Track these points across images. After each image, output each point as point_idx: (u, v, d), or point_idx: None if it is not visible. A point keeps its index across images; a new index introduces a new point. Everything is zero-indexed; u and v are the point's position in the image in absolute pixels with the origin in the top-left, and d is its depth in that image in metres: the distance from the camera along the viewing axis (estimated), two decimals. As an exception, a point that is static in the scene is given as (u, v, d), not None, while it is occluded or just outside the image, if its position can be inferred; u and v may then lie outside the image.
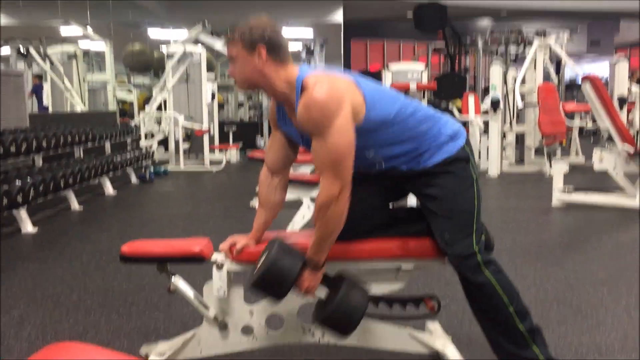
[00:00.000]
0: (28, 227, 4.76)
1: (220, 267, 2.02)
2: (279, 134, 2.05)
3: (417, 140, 1.91)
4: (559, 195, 5.62)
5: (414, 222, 2.05)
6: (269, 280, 1.86)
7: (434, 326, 2.40)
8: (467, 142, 1.99)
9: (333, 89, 1.75)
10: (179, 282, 2.07)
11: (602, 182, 6.42)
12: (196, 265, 2.09)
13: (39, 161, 5.75)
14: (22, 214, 4.75)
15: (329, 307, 1.87)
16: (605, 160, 5.42)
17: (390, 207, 2.17)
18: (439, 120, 1.97)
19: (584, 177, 7.29)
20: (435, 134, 1.93)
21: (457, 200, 1.93)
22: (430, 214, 1.97)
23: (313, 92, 1.74)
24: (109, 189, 6.75)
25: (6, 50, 10.34)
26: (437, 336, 2.32)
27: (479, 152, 8.39)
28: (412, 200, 2.45)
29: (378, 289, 2.09)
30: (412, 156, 1.92)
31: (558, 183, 5.64)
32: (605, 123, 5.35)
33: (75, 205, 5.75)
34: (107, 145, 7.65)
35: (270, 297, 1.92)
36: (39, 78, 10.45)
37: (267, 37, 1.82)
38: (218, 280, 2.02)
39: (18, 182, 4.64)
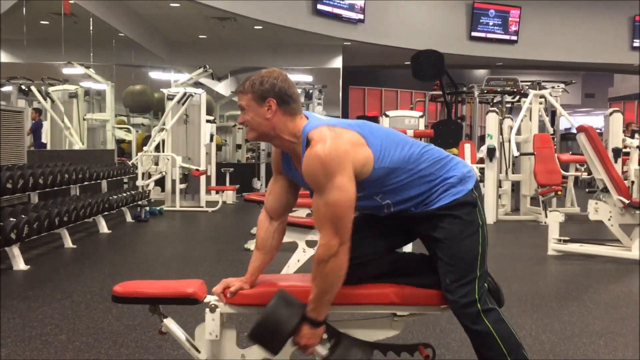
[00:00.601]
0: (20, 264, 4.71)
1: (213, 309, 1.99)
2: (280, 178, 2.06)
3: (427, 184, 1.91)
4: (555, 244, 5.61)
5: (424, 273, 2.02)
6: (264, 332, 1.83)
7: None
8: (477, 187, 1.98)
9: (335, 147, 1.76)
10: (171, 324, 2.04)
11: (598, 232, 6.42)
12: (188, 308, 2.06)
13: (34, 198, 5.74)
14: (15, 251, 4.71)
15: None
16: (600, 211, 5.43)
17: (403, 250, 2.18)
18: (449, 162, 1.97)
19: (580, 226, 7.29)
20: (444, 175, 1.93)
21: (460, 245, 1.91)
22: (435, 257, 1.96)
23: (315, 149, 1.76)
24: (104, 228, 6.72)
25: (8, 87, 10.43)
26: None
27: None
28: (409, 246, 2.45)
29: (373, 335, 2.06)
30: (422, 198, 1.92)
31: (554, 232, 5.64)
32: (600, 174, 5.39)
33: (68, 243, 5.71)
34: (104, 184, 7.65)
35: (265, 349, 1.89)
36: (38, 112, 10.52)
37: (277, 89, 1.85)
38: (210, 322, 1.99)
39: (12, 219, 4.62)
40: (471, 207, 1.94)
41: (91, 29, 10.68)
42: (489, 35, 14.49)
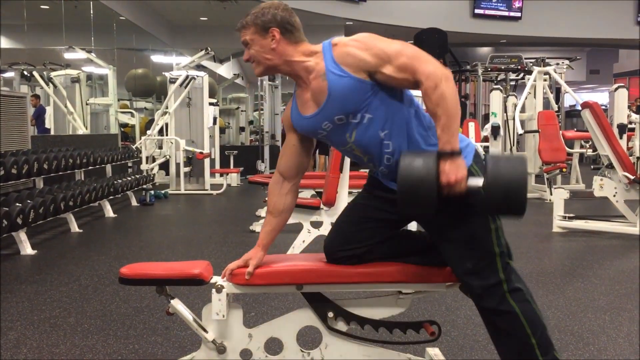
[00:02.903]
0: (27, 249, 4.74)
1: (219, 290, 2.00)
2: (292, 139, 2.01)
3: (427, 143, 1.85)
4: (560, 221, 5.61)
5: (427, 252, 1.99)
6: (410, 193, 1.66)
7: (434, 351, 2.38)
8: (477, 160, 1.86)
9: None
10: (178, 305, 2.05)
11: (603, 209, 6.42)
12: (195, 289, 2.07)
13: (39, 183, 5.76)
14: (22, 236, 4.74)
15: (486, 184, 1.66)
16: (605, 187, 5.42)
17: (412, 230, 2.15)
18: None
19: (585, 203, 7.28)
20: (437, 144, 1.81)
21: (470, 226, 1.84)
22: (445, 243, 1.88)
23: (352, 36, 1.78)
24: (109, 212, 6.75)
25: (10, 73, 10.44)
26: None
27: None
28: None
29: (378, 313, 2.08)
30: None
31: (558, 209, 5.64)
32: (605, 150, 5.37)
33: (74, 227, 5.74)
34: (108, 168, 7.67)
35: (422, 209, 1.72)
36: (38, 98, 10.52)
37: (279, 18, 1.84)
38: (217, 303, 2.00)
39: (18, 204, 4.64)
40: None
41: (92, 12, 10.63)
42: (493, 13, 14.33)
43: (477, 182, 1.70)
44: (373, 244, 1.98)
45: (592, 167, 6.98)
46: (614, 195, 5.39)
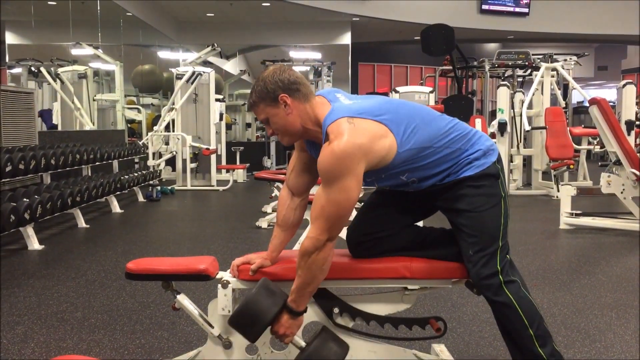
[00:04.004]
0: (34, 244, 4.77)
1: (225, 285, 2.01)
2: (302, 155, 2.05)
3: (454, 159, 1.91)
4: (567, 218, 5.59)
5: (445, 245, 2.03)
6: (244, 319, 1.85)
7: (440, 348, 2.37)
8: (499, 160, 1.98)
9: (350, 146, 1.73)
10: (184, 300, 2.06)
11: (610, 206, 6.39)
12: (201, 284, 2.08)
13: (47, 179, 5.78)
14: (29, 231, 4.76)
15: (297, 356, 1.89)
16: (613, 184, 5.40)
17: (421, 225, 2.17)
18: (474, 136, 1.97)
19: (592, 200, 7.25)
20: (469, 149, 1.93)
21: (484, 216, 1.92)
22: (457, 229, 1.96)
23: (332, 145, 1.75)
24: (116, 207, 6.77)
25: (18, 69, 10.47)
26: (442, 358, 2.29)
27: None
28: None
29: (384, 309, 2.08)
30: (448, 172, 1.92)
31: (566, 206, 5.62)
32: (612, 147, 5.34)
33: (81, 222, 5.76)
34: (115, 164, 7.69)
35: (244, 336, 1.90)
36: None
37: (282, 83, 1.83)
38: (223, 298, 2.01)
39: (26, 200, 4.67)
40: (494, 179, 1.94)
41: (99, 9, 10.64)
42: (500, 8, 14.26)
43: (301, 342, 1.92)
44: (395, 229, 2.04)
45: (599, 163, 6.96)
46: (622, 192, 5.36)
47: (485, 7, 14.17)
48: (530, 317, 1.90)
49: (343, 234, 2.05)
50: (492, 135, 8.42)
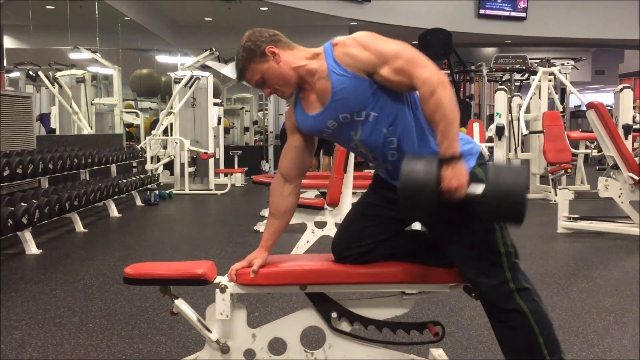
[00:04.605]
0: (32, 248, 4.76)
1: (223, 289, 2.01)
2: (295, 140, 2.01)
3: (430, 147, 1.83)
4: (565, 222, 5.59)
5: (433, 252, 1.98)
6: (411, 197, 1.68)
7: (438, 352, 2.37)
8: (481, 162, 1.85)
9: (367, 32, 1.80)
10: (182, 305, 2.06)
11: (608, 210, 6.39)
12: (199, 288, 2.08)
13: (45, 183, 5.78)
14: (27, 236, 4.75)
15: (488, 191, 1.66)
16: (610, 188, 5.40)
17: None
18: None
19: (590, 204, 7.26)
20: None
21: (473, 225, 1.83)
22: (449, 243, 1.89)
23: (351, 35, 1.77)
24: (114, 212, 6.77)
25: (16, 73, 10.47)
26: (441, 363, 2.29)
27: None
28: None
29: (382, 314, 2.08)
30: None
31: (563, 210, 5.62)
32: (610, 151, 5.35)
33: (79, 227, 5.76)
34: (113, 168, 7.69)
35: (422, 214, 1.79)
36: None
37: (263, 37, 1.85)
38: (221, 303, 2.01)
39: (23, 204, 4.66)
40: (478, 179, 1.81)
41: (97, 13, 10.65)
42: (497, 13, 14.28)
43: (478, 189, 1.70)
44: (379, 241, 1.99)
45: (597, 167, 6.96)
46: (619, 196, 5.37)
47: (483, 11, 14.20)
48: (541, 324, 1.83)
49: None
50: (490, 139, 8.45)
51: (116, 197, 6.88)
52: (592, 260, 4.62)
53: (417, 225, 2.56)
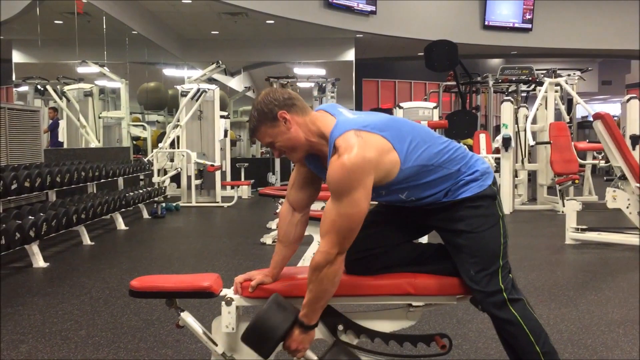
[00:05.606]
0: (39, 262, 4.77)
1: (229, 302, 2.00)
2: (303, 170, 2.05)
3: (451, 180, 1.93)
4: (573, 233, 5.56)
5: (442, 260, 2.03)
6: (256, 335, 1.85)
7: (446, 366, 2.36)
8: (494, 182, 2.00)
9: (361, 156, 1.74)
10: (188, 318, 2.05)
11: (616, 221, 6.35)
12: (205, 301, 2.07)
13: (52, 196, 5.80)
14: (34, 249, 4.77)
15: None
16: (618, 198, 5.37)
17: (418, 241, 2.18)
18: (471, 159, 1.99)
19: (598, 215, 7.22)
20: (466, 170, 1.95)
21: (483, 237, 1.93)
22: (455, 249, 1.96)
23: (342, 158, 1.75)
24: (121, 224, 6.78)
25: (24, 87, 10.55)
26: (448, 376, 2.27)
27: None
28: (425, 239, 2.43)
29: (389, 326, 2.07)
30: (446, 192, 1.94)
31: (571, 221, 5.59)
32: (617, 161, 5.33)
33: (86, 240, 5.77)
34: (120, 181, 7.72)
35: (257, 353, 1.90)
36: (55, 111, 10.61)
37: (277, 101, 1.85)
38: (227, 315, 2.00)
39: (31, 217, 4.68)
40: (491, 200, 1.96)
41: (104, 27, 10.74)
42: (503, 24, 14.31)
43: (312, 357, 1.93)
44: (390, 245, 2.04)
45: (604, 178, 6.94)
46: (627, 207, 5.34)
47: (488, 22, 14.23)
48: (536, 334, 1.92)
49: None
50: (497, 151, 8.42)
51: (123, 210, 6.90)
52: (601, 271, 4.58)
53: (424, 239, 2.56)
